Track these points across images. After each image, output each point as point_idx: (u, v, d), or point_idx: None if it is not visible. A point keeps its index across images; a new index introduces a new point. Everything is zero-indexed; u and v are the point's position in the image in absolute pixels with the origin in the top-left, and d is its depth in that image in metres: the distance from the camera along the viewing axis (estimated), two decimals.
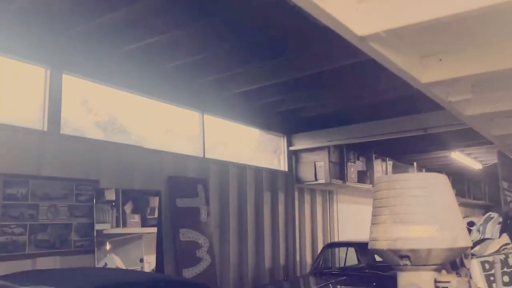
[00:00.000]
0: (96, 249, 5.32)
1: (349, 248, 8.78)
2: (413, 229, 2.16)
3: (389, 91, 7.46)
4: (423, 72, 3.58)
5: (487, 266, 2.18)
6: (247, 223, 7.83)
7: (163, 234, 6.12)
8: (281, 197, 8.77)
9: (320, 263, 8.07)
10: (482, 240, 2.38)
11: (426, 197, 2.30)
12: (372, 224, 2.55)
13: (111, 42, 5.55)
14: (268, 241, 8.34)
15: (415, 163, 12.47)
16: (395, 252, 2.25)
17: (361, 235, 11.14)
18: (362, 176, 10.04)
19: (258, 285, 7.61)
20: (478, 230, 2.78)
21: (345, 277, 7.16)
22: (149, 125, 6.89)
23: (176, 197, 6.42)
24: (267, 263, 8.23)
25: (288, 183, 8.98)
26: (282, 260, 8.59)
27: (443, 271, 2.19)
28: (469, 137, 9.19)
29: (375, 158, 10.49)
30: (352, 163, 9.58)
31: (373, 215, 2.58)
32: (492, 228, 2.57)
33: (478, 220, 2.88)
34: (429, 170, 13.84)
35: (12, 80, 5.16)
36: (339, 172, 9.21)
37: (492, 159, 11.79)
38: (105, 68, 5.82)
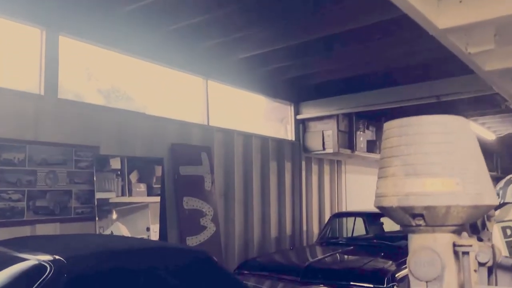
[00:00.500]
0: (97, 216, 5.22)
1: (356, 218, 8.65)
2: (429, 183, 1.77)
3: (400, 58, 7.18)
4: (441, 15, 3.25)
5: (508, 232, 1.78)
6: (252, 193, 7.69)
7: (167, 202, 6.00)
8: (287, 166, 8.60)
9: (327, 233, 7.95)
10: (503, 204, 2.06)
11: (446, 145, 1.90)
12: (380, 177, 2.11)
13: (109, 2, 5.31)
14: (274, 210, 8.22)
15: None
16: (407, 210, 1.92)
17: (369, 206, 11.01)
18: (372, 146, 9.81)
19: (263, 253, 7.52)
20: (498, 194, 2.43)
21: (352, 247, 7.03)
22: (153, 92, 6.69)
23: (180, 165, 6.27)
24: (273, 232, 8.13)
25: (295, 152, 8.79)
26: (288, 230, 8.49)
27: (464, 234, 1.79)
28: (483, 105, 8.91)
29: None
30: (361, 132, 9.35)
31: (381, 167, 2.15)
32: None
33: (498, 184, 2.52)
34: None
35: (7, 42, 4.96)
36: (348, 142, 8.99)
37: (506, 129, 11.50)
38: (103, 30, 5.58)
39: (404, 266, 5.82)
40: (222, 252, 6.56)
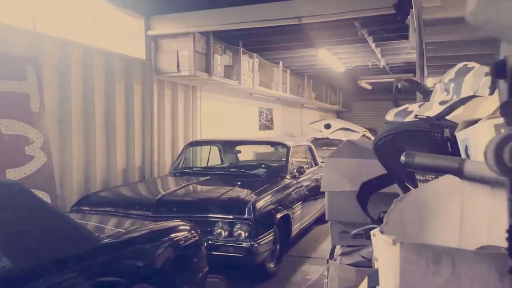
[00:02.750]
0: None
1: (212, 148, 8.13)
2: None
3: None
4: None
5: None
6: (95, 118, 6.58)
7: None
8: (137, 89, 7.57)
9: (181, 162, 7.30)
10: (465, 100, 1.52)
11: None
12: None
13: None
14: (122, 139, 7.24)
15: (280, 62, 12.02)
16: None
17: (225, 135, 10.65)
18: (229, 72, 9.22)
19: (108, 188, 6.59)
20: (447, 90, 1.91)
21: (208, 177, 6.49)
22: None
23: None
24: (120, 163, 7.19)
25: (146, 73, 7.76)
26: (138, 161, 7.61)
27: None
28: (342, 32, 8.84)
29: (242, 53, 9.67)
30: (219, 56, 8.64)
31: None
32: (475, 82, 1.68)
33: (445, 76, 1.97)
34: (293, 70, 13.60)
35: None
36: (205, 64, 8.23)
37: (355, 61, 11.85)
38: None
39: (264, 195, 5.47)
40: (56, 187, 5.47)
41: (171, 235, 3.43)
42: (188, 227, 3.78)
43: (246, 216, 4.89)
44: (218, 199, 5.29)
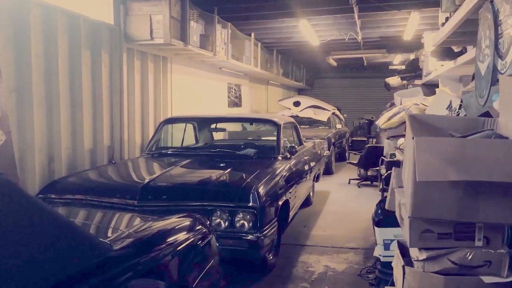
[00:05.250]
0: None
1: (187, 125, 7.36)
2: None
3: None
4: None
5: None
6: (58, 90, 5.63)
7: None
8: (105, 58, 6.63)
9: (157, 142, 6.52)
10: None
11: None
12: None
13: None
14: (88, 115, 6.32)
15: (252, 34, 11.26)
16: None
17: (198, 111, 9.84)
18: (204, 42, 8.39)
19: (75, 172, 5.73)
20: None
21: (193, 159, 5.75)
22: None
23: None
24: (87, 143, 6.29)
25: (114, 41, 6.82)
26: (106, 140, 6.72)
27: None
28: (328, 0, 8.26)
29: (217, 22, 8.85)
30: (195, 23, 7.79)
31: None
32: None
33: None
34: (265, 44, 12.88)
35: None
36: (181, 32, 7.37)
37: (330, 34, 11.31)
38: None
39: (266, 179, 4.81)
40: (16, 169, 4.57)
41: (185, 234, 2.73)
42: (200, 221, 3.09)
43: (251, 204, 4.23)
44: (216, 184, 4.59)
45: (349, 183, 10.53)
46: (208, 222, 3.31)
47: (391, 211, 4.51)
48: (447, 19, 4.70)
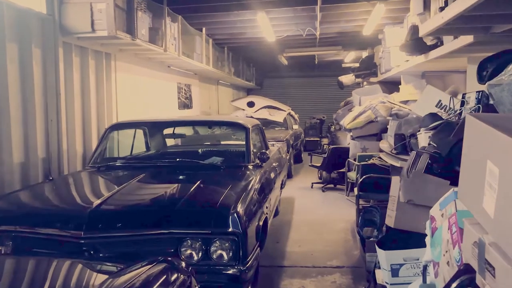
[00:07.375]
0: None
1: (137, 131, 6.40)
2: None
3: None
4: None
5: None
6: None
7: None
8: (36, 54, 5.54)
9: (104, 152, 5.52)
10: None
11: None
12: None
13: None
14: (17, 122, 5.22)
15: (204, 29, 10.37)
16: None
17: (147, 115, 8.81)
18: (153, 36, 7.43)
19: (2, 193, 4.66)
20: None
21: (149, 172, 4.81)
22: None
23: None
24: (17, 155, 5.18)
25: (48, 33, 5.73)
26: (41, 151, 5.61)
27: None
28: None
29: (167, 14, 7.92)
30: (142, 14, 6.82)
31: None
32: None
33: None
34: (216, 40, 12.02)
35: None
36: (127, 24, 6.39)
37: (287, 29, 10.66)
38: None
39: (243, 196, 3.99)
40: None
41: None
42: (177, 268, 2.25)
43: (230, 229, 3.39)
44: (183, 205, 3.68)
45: (312, 187, 9.91)
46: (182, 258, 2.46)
47: (393, 228, 3.87)
48: (446, 3, 4.09)
